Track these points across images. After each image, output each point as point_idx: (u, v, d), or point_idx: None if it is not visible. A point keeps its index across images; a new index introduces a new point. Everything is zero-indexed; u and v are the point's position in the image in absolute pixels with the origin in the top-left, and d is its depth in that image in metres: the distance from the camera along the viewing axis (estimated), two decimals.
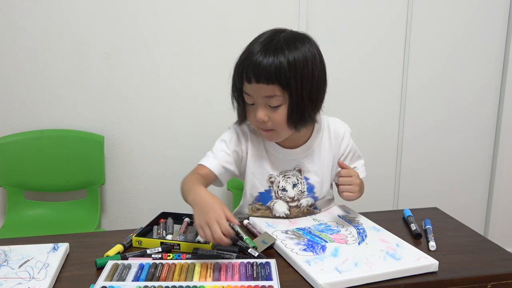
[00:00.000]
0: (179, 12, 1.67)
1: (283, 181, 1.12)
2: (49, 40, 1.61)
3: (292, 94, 0.98)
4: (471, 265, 0.90)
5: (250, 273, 0.84)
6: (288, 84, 0.97)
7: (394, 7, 1.84)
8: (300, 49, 0.98)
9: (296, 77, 0.97)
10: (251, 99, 1.01)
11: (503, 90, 1.99)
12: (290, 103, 0.99)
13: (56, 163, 1.64)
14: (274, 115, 1.00)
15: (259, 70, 0.95)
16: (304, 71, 0.98)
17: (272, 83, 0.96)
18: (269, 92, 0.97)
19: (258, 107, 1.00)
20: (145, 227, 1.04)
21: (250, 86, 0.98)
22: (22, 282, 0.82)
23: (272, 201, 1.13)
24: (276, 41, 0.98)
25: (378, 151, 1.97)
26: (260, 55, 0.96)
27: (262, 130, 1.05)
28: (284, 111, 1.00)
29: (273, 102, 0.99)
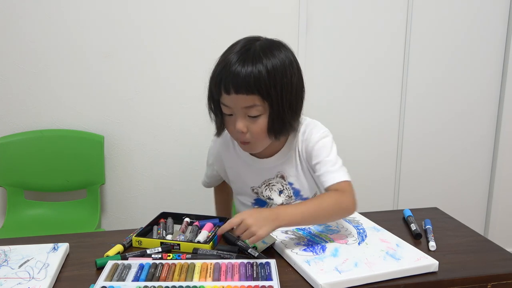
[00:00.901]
0: (179, 12, 1.67)
1: (267, 191, 1.13)
2: (49, 40, 1.61)
3: (273, 103, 0.96)
4: (471, 265, 0.90)
5: (250, 273, 0.84)
6: (269, 94, 0.94)
7: (394, 7, 1.84)
8: (277, 56, 0.96)
9: (275, 86, 0.95)
10: (229, 110, 0.98)
11: (503, 90, 1.99)
12: (271, 113, 0.97)
13: (56, 163, 1.64)
14: (253, 126, 0.98)
15: (238, 81, 0.93)
16: (283, 79, 0.96)
17: (252, 93, 0.94)
18: (249, 102, 0.95)
19: (237, 118, 0.98)
20: (145, 227, 1.04)
21: (229, 97, 0.95)
22: (22, 282, 0.82)
23: (268, 204, 1.16)
24: (252, 50, 0.95)
25: (378, 152, 1.97)
26: (238, 65, 0.93)
27: (240, 143, 1.04)
28: (264, 121, 0.98)
29: (252, 112, 0.96)
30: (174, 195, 1.82)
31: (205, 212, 1.84)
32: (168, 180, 1.80)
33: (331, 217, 0.96)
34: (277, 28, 1.75)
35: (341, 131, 1.91)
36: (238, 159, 1.14)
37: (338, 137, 1.87)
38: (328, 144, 1.07)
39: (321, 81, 1.85)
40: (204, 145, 1.77)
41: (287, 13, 1.74)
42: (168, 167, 1.79)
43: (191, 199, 1.83)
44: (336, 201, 0.95)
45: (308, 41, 1.79)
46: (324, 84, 1.86)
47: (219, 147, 1.17)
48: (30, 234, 1.39)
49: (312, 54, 1.81)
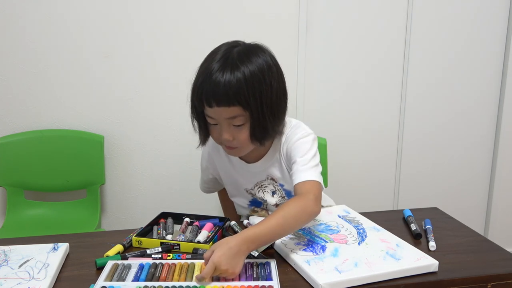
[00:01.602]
0: (179, 12, 1.67)
1: (260, 192, 1.14)
2: (49, 40, 1.61)
3: (253, 112, 0.96)
4: (471, 265, 0.90)
5: (250, 273, 0.84)
6: (248, 103, 0.95)
7: (394, 7, 1.84)
8: (255, 62, 0.96)
9: (254, 94, 0.95)
10: (214, 120, 0.99)
11: (503, 91, 1.99)
12: (252, 121, 0.98)
13: (56, 163, 1.64)
14: (238, 134, 0.99)
15: (218, 94, 0.94)
16: (262, 86, 0.96)
17: (233, 105, 0.95)
18: (231, 113, 0.96)
19: (223, 128, 0.99)
20: (145, 227, 1.04)
21: (212, 110, 0.97)
22: (22, 282, 0.82)
23: (263, 205, 1.17)
24: (230, 58, 0.96)
25: (379, 152, 1.97)
26: (217, 76, 0.94)
27: (226, 147, 1.04)
28: (247, 129, 0.99)
29: (236, 122, 0.98)
30: (174, 195, 1.82)
31: (205, 212, 1.84)
32: (168, 180, 1.80)
33: (298, 225, 0.94)
34: (277, 29, 1.75)
35: (341, 132, 1.91)
36: (229, 162, 1.16)
37: (338, 138, 1.90)
38: (305, 144, 1.06)
39: (321, 82, 1.85)
40: None
41: (287, 14, 1.74)
42: (168, 167, 1.79)
43: (191, 199, 1.83)
44: (300, 207, 0.93)
45: (308, 41, 1.79)
46: (324, 85, 1.86)
47: (210, 150, 1.18)
48: (30, 234, 1.39)
49: (312, 54, 1.81)
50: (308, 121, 1.84)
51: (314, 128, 1.13)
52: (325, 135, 1.64)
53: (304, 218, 0.93)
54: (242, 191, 1.17)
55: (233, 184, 1.19)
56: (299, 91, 1.82)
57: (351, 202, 1.28)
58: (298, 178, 1.00)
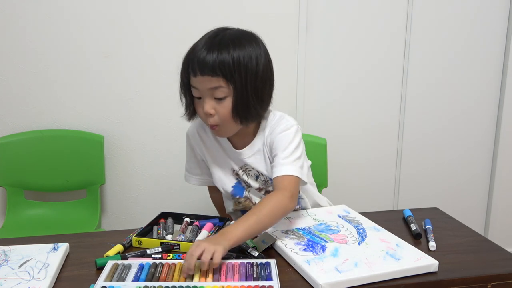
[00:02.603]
0: (179, 11, 1.67)
1: (244, 175, 1.14)
2: (49, 40, 1.61)
3: (236, 86, 0.99)
4: (471, 265, 0.90)
5: (250, 273, 0.84)
6: (232, 76, 0.98)
7: (394, 7, 1.84)
8: (246, 46, 1.00)
9: (240, 70, 0.98)
10: (198, 92, 1.02)
11: (503, 90, 1.99)
12: (235, 95, 1.00)
13: (56, 163, 1.64)
14: (220, 108, 1.01)
15: (203, 63, 0.97)
16: (248, 65, 0.99)
17: (217, 75, 0.98)
18: (214, 83, 0.98)
19: (205, 100, 1.01)
20: (145, 227, 1.04)
21: (196, 79, 1.00)
22: (22, 282, 0.82)
23: (246, 190, 1.17)
24: (221, 36, 1.00)
25: (379, 152, 1.97)
26: (204, 49, 0.98)
27: (209, 126, 1.06)
28: (229, 103, 1.01)
29: (218, 94, 1.00)
30: (174, 195, 1.82)
31: (205, 212, 1.84)
32: (168, 180, 1.80)
33: (273, 221, 0.96)
34: (277, 28, 1.75)
35: (341, 132, 1.91)
36: (218, 143, 1.16)
37: (338, 138, 1.90)
38: (287, 137, 1.07)
39: (321, 82, 1.85)
40: None
41: (287, 13, 1.74)
42: (168, 167, 1.79)
43: (191, 199, 1.83)
44: (275, 204, 0.96)
45: (308, 41, 1.79)
46: (324, 85, 1.86)
47: (198, 128, 1.19)
48: (30, 234, 1.39)
49: (312, 54, 1.81)
50: (308, 121, 1.86)
51: (314, 128, 1.13)
52: (325, 135, 1.64)
53: (279, 214, 0.97)
54: (229, 171, 1.16)
55: (221, 164, 1.16)
56: (299, 91, 1.82)
57: (351, 202, 1.28)
58: (277, 172, 1.02)
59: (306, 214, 1.12)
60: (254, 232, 0.92)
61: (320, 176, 1.55)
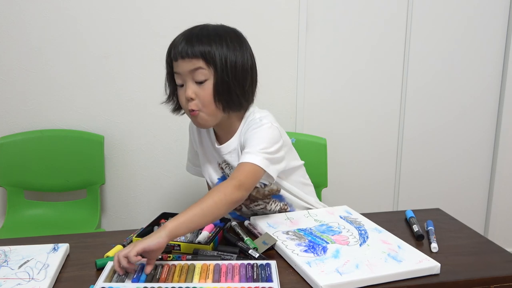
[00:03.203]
0: (179, 11, 1.66)
1: (227, 168, 1.15)
2: (49, 40, 1.60)
3: (217, 68, 1.01)
4: (473, 267, 0.90)
5: (250, 275, 0.84)
6: (212, 58, 1.00)
7: (394, 7, 1.83)
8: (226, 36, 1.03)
9: (219, 52, 1.01)
10: (180, 78, 1.04)
11: (503, 90, 1.99)
12: (215, 77, 1.01)
13: (56, 163, 1.64)
14: (200, 91, 1.02)
15: (183, 47, 1.00)
16: (228, 49, 1.02)
17: (195, 57, 1.00)
18: (193, 65, 1.00)
19: (187, 84, 1.03)
20: (146, 228, 1.03)
21: (177, 64, 1.02)
22: (22, 283, 0.81)
23: None
24: (201, 27, 1.04)
25: (378, 152, 1.97)
26: (185, 36, 1.02)
27: (191, 115, 1.06)
28: (210, 86, 1.02)
29: (198, 76, 1.01)
30: (174, 195, 1.82)
31: None
32: (168, 180, 1.80)
33: (219, 213, 0.94)
34: (277, 27, 1.75)
35: (341, 131, 1.91)
36: (208, 136, 1.18)
37: (338, 136, 1.89)
38: (259, 134, 1.05)
39: (321, 81, 1.85)
40: None
41: (287, 13, 1.74)
42: (168, 167, 1.79)
43: (191, 199, 1.82)
44: (219, 195, 0.94)
45: (308, 40, 1.78)
46: (324, 84, 1.85)
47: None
48: (30, 234, 1.39)
49: (312, 54, 1.81)
50: (308, 121, 1.86)
51: (314, 128, 1.12)
52: (325, 135, 1.63)
53: (225, 206, 0.94)
54: (215, 165, 1.18)
55: (209, 157, 1.19)
56: (299, 91, 1.81)
57: (351, 202, 1.28)
58: (239, 159, 1.04)
59: (307, 215, 1.11)
60: (197, 223, 0.91)
61: (320, 176, 1.55)
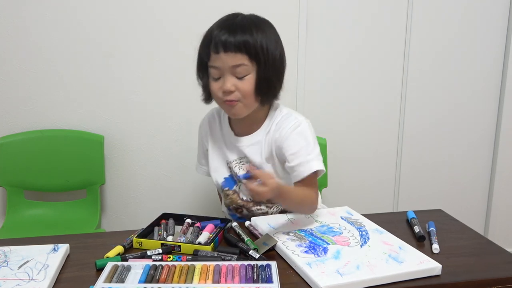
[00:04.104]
0: (179, 12, 1.66)
1: (236, 168, 1.15)
2: (49, 40, 1.60)
3: (260, 63, 1.00)
4: (474, 268, 0.89)
5: (250, 275, 0.83)
6: (256, 53, 0.99)
7: (394, 6, 1.83)
8: (265, 28, 1.04)
9: (262, 46, 1.00)
10: (218, 71, 1.02)
11: (503, 90, 1.99)
12: (258, 72, 1.01)
13: (56, 163, 1.64)
14: (241, 84, 1.01)
15: (226, 40, 0.98)
16: (270, 42, 1.02)
17: (240, 52, 0.98)
18: (237, 61, 0.99)
19: (226, 77, 1.01)
20: (146, 228, 1.03)
21: (218, 57, 1.00)
22: (21, 283, 0.81)
23: (237, 185, 1.17)
24: (241, 18, 1.04)
25: (378, 152, 1.97)
26: (227, 28, 1.00)
27: (227, 104, 1.05)
28: (252, 80, 1.02)
29: (240, 72, 1.00)
30: (174, 195, 1.81)
31: (205, 211, 1.84)
32: (168, 180, 1.80)
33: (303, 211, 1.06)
34: (277, 27, 1.73)
35: (341, 132, 1.91)
36: (220, 131, 1.18)
37: (338, 137, 1.89)
38: (302, 134, 1.07)
39: (321, 81, 1.84)
40: None
41: (287, 13, 1.74)
42: (168, 167, 1.78)
43: (191, 199, 1.82)
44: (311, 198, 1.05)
45: (308, 41, 1.78)
46: (324, 85, 1.85)
47: (209, 118, 1.22)
48: (30, 234, 1.39)
49: (312, 53, 1.80)
50: None
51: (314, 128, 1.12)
52: (325, 135, 1.63)
53: (309, 209, 1.07)
54: (223, 163, 1.17)
55: (218, 155, 1.18)
56: (299, 91, 1.81)
57: (351, 202, 1.28)
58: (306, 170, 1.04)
59: (308, 216, 1.11)
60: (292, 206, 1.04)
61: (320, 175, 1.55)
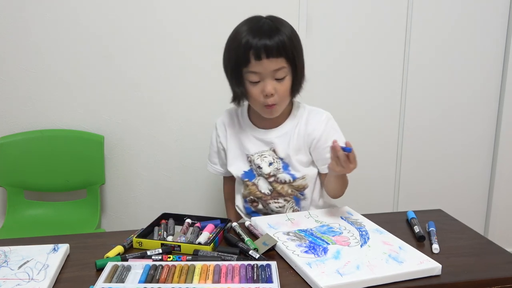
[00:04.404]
0: (179, 12, 1.66)
1: (258, 159, 1.19)
2: (49, 40, 1.60)
3: (296, 64, 1.09)
4: (474, 268, 0.89)
5: (250, 275, 0.83)
6: (293, 55, 1.07)
7: (394, 6, 1.83)
8: (290, 28, 1.11)
9: (296, 48, 1.09)
10: (257, 76, 1.07)
11: (503, 90, 1.99)
12: (294, 72, 1.10)
13: (56, 163, 1.64)
14: (280, 86, 1.09)
15: (269, 46, 1.04)
16: (298, 43, 1.11)
17: (281, 56, 1.05)
18: (278, 65, 1.06)
19: (267, 81, 1.07)
20: (146, 228, 1.03)
21: (259, 63, 1.05)
22: (21, 283, 0.81)
23: (256, 178, 1.22)
24: (268, 22, 1.09)
25: (378, 151, 1.96)
26: (263, 33, 1.05)
27: (265, 107, 1.11)
28: (289, 81, 1.10)
29: (280, 75, 1.07)
30: (174, 195, 1.81)
31: (205, 211, 1.85)
32: (168, 180, 1.80)
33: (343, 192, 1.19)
34: None
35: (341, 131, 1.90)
36: (240, 128, 1.23)
37: None
38: (335, 126, 1.22)
39: (321, 82, 1.84)
40: (205, 145, 1.77)
41: (287, 14, 1.72)
42: (168, 167, 1.78)
43: (192, 199, 1.82)
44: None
45: (308, 41, 1.78)
46: (323, 85, 1.85)
47: (225, 119, 1.27)
48: (30, 234, 1.39)
49: (312, 53, 1.80)
50: None
51: None
52: None
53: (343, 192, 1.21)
54: (243, 156, 1.22)
55: (237, 148, 1.23)
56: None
57: (351, 202, 1.28)
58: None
59: (308, 216, 1.11)
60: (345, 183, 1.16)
61: None
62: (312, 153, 1.22)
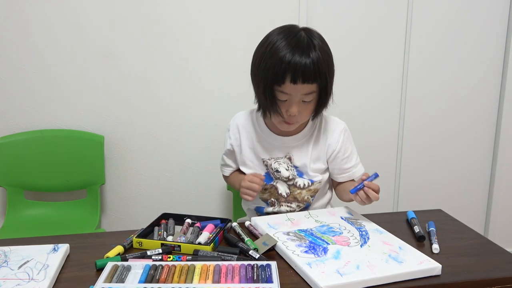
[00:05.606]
0: (179, 12, 1.66)
1: (276, 164, 1.19)
2: (49, 40, 1.60)
3: (327, 90, 1.08)
4: (474, 268, 0.89)
5: (250, 275, 0.83)
6: (325, 82, 1.06)
7: (394, 6, 1.83)
8: (327, 49, 1.08)
9: (329, 73, 1.07)
10: (286, 96, 1.07)
11: (503, 89, 1.99)
12: (320, 96, 1.09)
13: (56, 163, 1.64)
14: (304, 108, 1.09)
15: (307, 72, 1.02)
16: (332, 64, 1.09)
17: (315, 82, 1.05)
18: (309, 90, 1.06)
19: (293, 103, 1.07)
20: (146, 228, 1.03)
21: (293, 86, 1.04)
22: (21, 283, 0.81)
23: (274, 181, 1.22)
24: (302, 39, 1.05)
25: (378, 151, 1.97)
26: (303, 54, 1.02)
27: (284, 122, 1.12)
28: (314, 103, 1.10)
29: (308, 98, 1.08)
30: (174, 195, 1.81)
31: (205, 211, 1.84)
32: (168, 180, 1.80)
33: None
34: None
35: None
36: (255, 132, 1.22)
37: None
38: (350, 138, 1.24)
39: None
40: (205, 145, 1.77)
41: (287, 14, 1.74)
42: (168, 167, 1.78)
43: (192, 199, 1.82)
44: None
45: None
46: None
47: (243, 119, 1.26)
48: (30, 234, 1.39)
49: None
50: None
51: None
52: None
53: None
54: (259, 160, 1.22)
55: (252, 153, 1.22)
56: None
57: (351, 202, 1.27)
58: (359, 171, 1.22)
59: (308, 216, 1.11)
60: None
61: None
62: (330, 163, 1.23)
